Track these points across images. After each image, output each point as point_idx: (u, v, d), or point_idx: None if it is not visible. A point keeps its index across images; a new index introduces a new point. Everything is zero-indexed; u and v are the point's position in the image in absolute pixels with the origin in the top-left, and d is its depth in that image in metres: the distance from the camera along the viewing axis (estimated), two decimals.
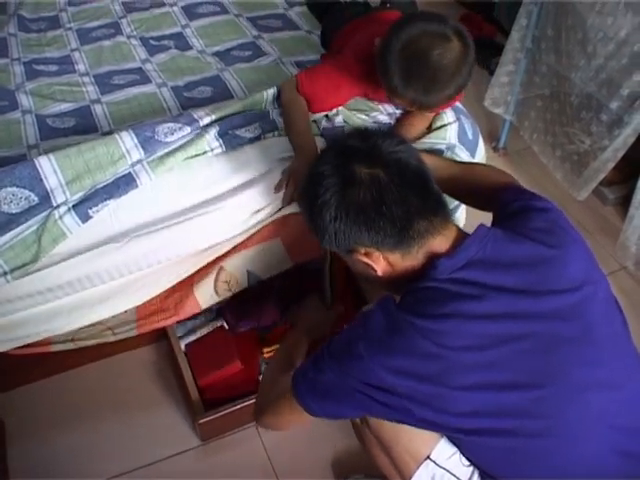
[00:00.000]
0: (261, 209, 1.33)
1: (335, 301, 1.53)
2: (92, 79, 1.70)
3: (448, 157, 1.39)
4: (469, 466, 0.99)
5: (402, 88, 1.19)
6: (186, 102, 1.61)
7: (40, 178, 1.21)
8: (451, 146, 1.45)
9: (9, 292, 1.21)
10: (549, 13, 1.83)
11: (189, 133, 1.34)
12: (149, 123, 1.35)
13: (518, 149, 2.24)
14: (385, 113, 1.48)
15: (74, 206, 1.22)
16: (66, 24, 1.95)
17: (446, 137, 1.45)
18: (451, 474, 0.99)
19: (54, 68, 1.74)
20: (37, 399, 1.47)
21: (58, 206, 1.21)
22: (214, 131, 1.34)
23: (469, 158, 1.49)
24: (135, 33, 1.91)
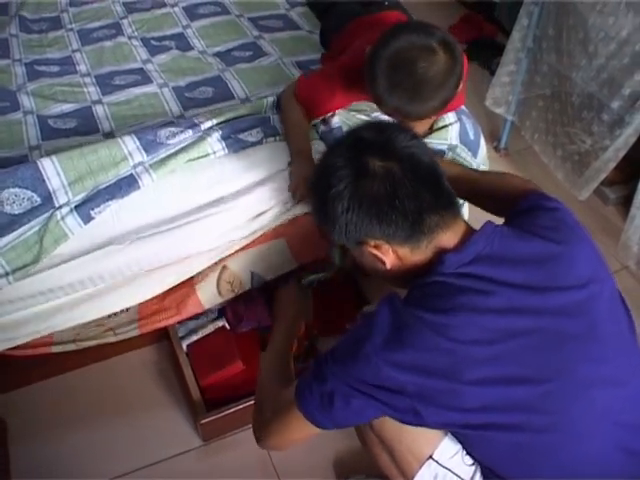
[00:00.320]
0: (264, 212, 1.34)
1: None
2: (93, 80, 1.71)
3: (469, 167, 1.40)
4: (471, 465, 0.99)
5: (387, 97, 1.19)
6: (187, 102, 1.62)
7: (42, 179, 1.21)
8: (452, 147, 1.46)
9: (10, 293, 1.21)
10: (550, 13, 1.83)
11: (191, 136, 1.34)
12: (151, 127, 1.35)
13: (519, 149, 2.23)
14: None
15: (76, 207, 1.22)
16: (67, 25, 1.95)
17: (447, 138, 1.45)
18: (453, 473, 0.99)
19: (55, 69, 1.75)
20: (39, 399, 1.47)
21: (60, 207, 1.21)
22: (217, 134, 1.35)
23: (471, 158, 1.49)
24: (136, 34, 1.92)
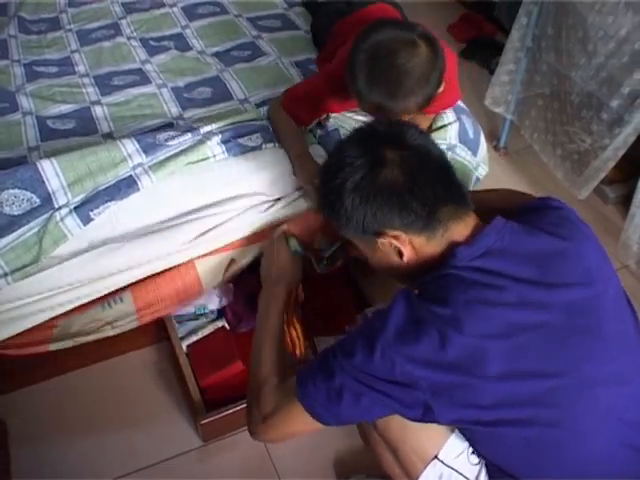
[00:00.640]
0: (264, 213, 1.34)
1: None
2: (92, 80, 1.70)
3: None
4: (476, 464, 0.99)
5: (366, 91, 1.14)
6: (186, 103, 1.62)
7: (42, 180, 1.21)
8: (452, 146, 1.45)
9: (10, 294, 1.21)
10: (549, 12, 1.83)
11: (190, 138, 1.35)
12: (149, 132, 1.35)
13: (519, 148, 2.23)
14: None
15: (75, 208, 1.22)
16: (66, 25, 1.95)
17: (446, 137, 1.45)
18: (458, 473, 0.99)
19: (54, 69, 1.74)
20: (39, 400, 1.47)
21: (60, 208, 1.21)
22: (217, 138, 1.35)
23: (471, 157, 1.49)
24: (135, 34, 1.91)
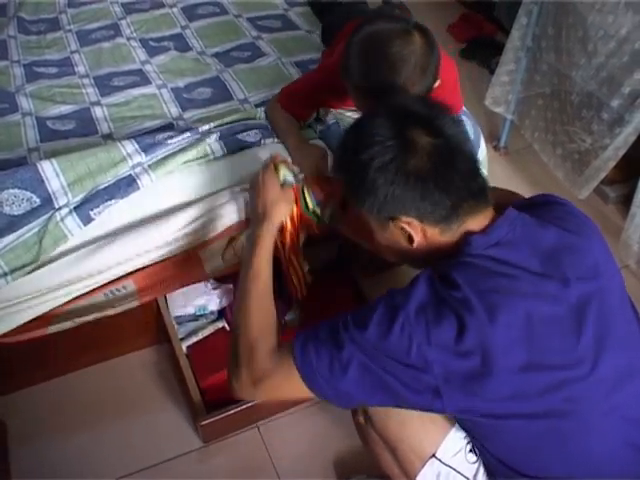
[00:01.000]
0: None
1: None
2: (92, 81, 1.70)
3: None
4: (474, 463, 0.99)
5: (362, 82, 1.12)
6: (186, 103, 1.62)
7: (42, 180, 1.21)
8: None
9: (9, 292, 1.20)
10: (549, 12, 1.83)
11: (189, 137, 1.35)
12: (148, 134, 1.36)
13: (519, 148, 2.23)
14: None
15: (75, 208, 1.22)
16: (66, 26, 1.95)
17: None
18: (456, 472, 0.98)
19: (54, 70, 1.74)
20: (39, 401, 1.47)
21: (60, 208, 1.21)
22: (215, 136, 1.35)
23: None
24: (135, 34, 1.91)
